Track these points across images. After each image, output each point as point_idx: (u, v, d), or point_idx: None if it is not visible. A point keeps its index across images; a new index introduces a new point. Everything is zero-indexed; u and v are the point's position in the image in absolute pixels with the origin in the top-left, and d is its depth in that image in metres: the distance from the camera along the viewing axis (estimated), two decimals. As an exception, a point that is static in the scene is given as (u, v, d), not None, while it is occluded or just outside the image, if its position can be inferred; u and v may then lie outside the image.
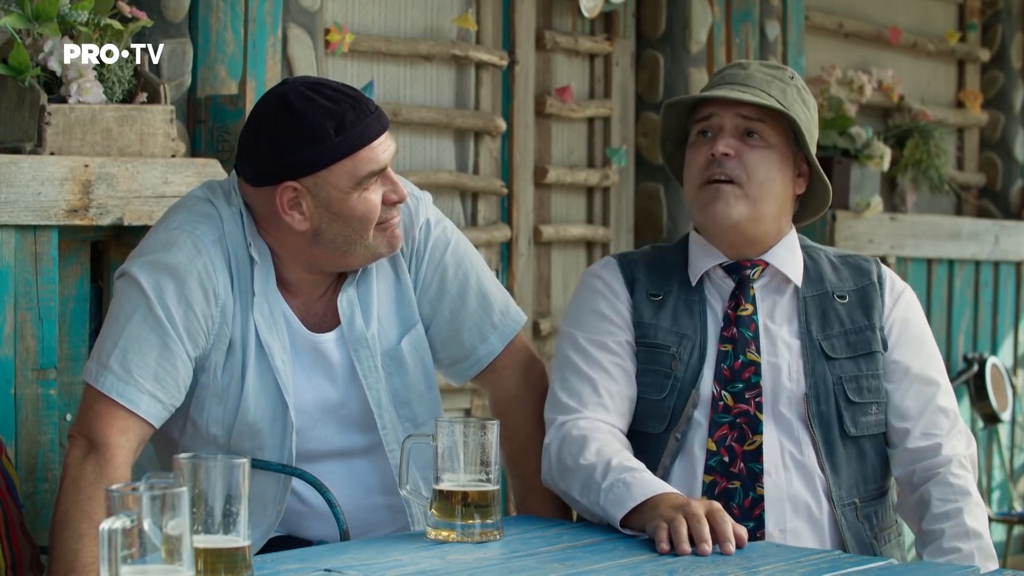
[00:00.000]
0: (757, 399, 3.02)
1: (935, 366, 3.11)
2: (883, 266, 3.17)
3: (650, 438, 3.04)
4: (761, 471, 2.99)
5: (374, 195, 2.91)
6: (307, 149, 2.86)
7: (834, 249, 3.21)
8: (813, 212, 3.17)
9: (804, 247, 3.15)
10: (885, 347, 3.08)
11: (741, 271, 3.09)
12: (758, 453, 3.00)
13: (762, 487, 2.99)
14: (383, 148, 2.91)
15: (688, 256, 3.13)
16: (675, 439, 3.03)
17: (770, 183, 3.03)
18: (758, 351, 3.04)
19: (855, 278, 3.13)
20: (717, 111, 3.05)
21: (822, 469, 3.01)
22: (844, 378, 3.04)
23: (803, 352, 3.05)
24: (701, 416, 3.03)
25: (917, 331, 3.12)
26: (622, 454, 2.89)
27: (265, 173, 2.90)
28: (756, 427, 3.01)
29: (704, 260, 3.10)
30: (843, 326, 3.07)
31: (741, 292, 3.07)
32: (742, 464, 3.00)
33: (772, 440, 3.01)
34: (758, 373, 3.03)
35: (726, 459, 3.00)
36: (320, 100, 2.87)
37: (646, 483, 2.78)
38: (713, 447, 3.01)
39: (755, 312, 3.06)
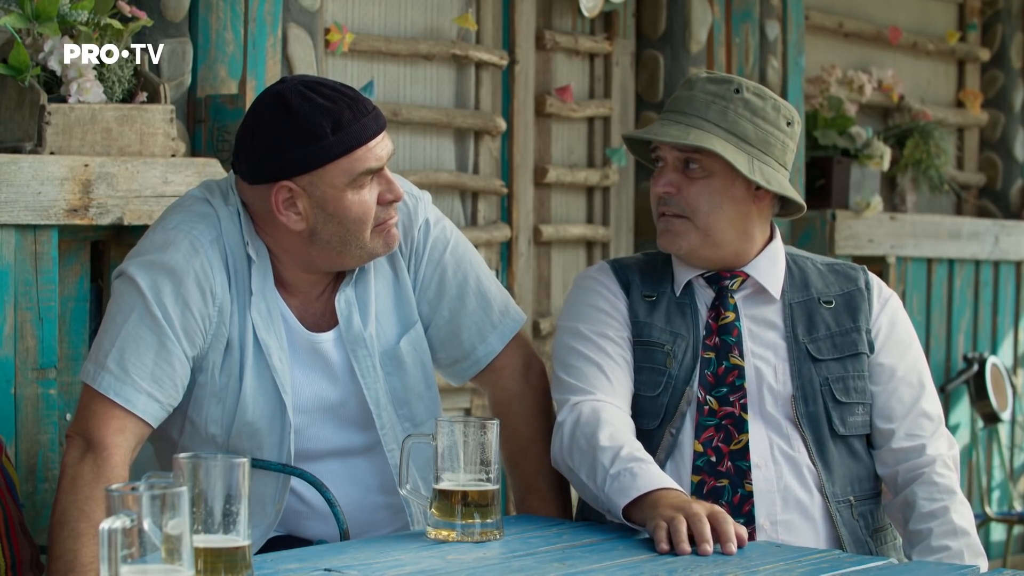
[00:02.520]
0: (742, 400, 3.04)
1: (920, 370, 3.14)
2: (870, 273, 3.20)
3: (644, 434, 3.04)
4: (748, 468, 3.01)
5: (369, 195, 2.91)
6: (303, 148, 2.85)
7: (822, 257, 3.23)
8: (794, 210, 3.13)
9: (791, 256, 3.17)
10: (871, 349, 3.11)
11: (720, 281, 3.11)
12: (744, 451, 3.02)
13: (750, 483, 3.00)
14: (380, 148, 2.90)
15: (672, 265, 3.15)
16: (670, 435, 3.04)
17: (717, 211, 3.05)
18: (741, 355, 3.06)
19: (841, 284, 3.15)
20: (660, 144, 3.07)
21: (814, 464, 3.03)
22: (831, 379, 3.06)
23: (789, 354, 3.07)
24: (691, 414, 3.05)
25: (903, 335, 3.15)
26: (633, 444, 2.90)
27: (261, 171, 2.90)
28: (742, 427, 3.03)
29: (685, 272, 3.12)
30: (829, 329, 3.10)
31: (720, 302, 3.09)
32: (729, 463, 3.02)
33: (760, 436, 3.03)
34: (742, 376, 3.05)
35: (713, 459, 3.03)
36: (317, 99, 2.86)
37: (652, 475, 2.79)
38: (700, 448, 3.03)
39: (737, 318, 3.08)
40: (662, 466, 3.01)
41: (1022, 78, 6.97)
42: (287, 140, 2.86)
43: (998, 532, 6.54)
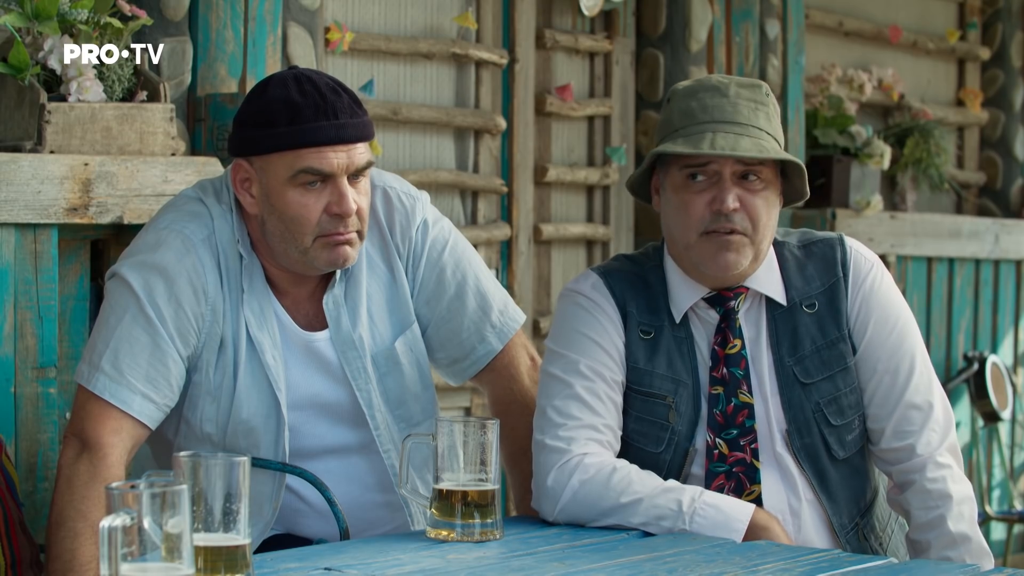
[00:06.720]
0: (752, 445, 2.90)
1: (905, 352, 2.94)
2: (848, 246, 3.00)
3: None
4: None
5: (315, 200, 2.89)
6: (257, 129, 2.90)
7: (798, 234, 3.03)
8: (794, 197, 3.00)
9: (773, 246, 2.98)
10: (854, 350, 2.95)
11: (725, 303, 2.94)
12: (758, 503, 2.87)
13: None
14: (336, 157, 2.88)
15: (667, 285, 2.98)
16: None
17: (770, 222, 2.90)
18: (750, 391, 2.91)
19: (822, 276, 2.97)
20: (714, 158, 2.85)
21: (818, 499, 2.92)
22: (823, 402, 2.91)
23: (778, 382, 2.92)
24: (697, 468, 2.93)
25: (882, 318, 2.95)
26: (656, 478, 2.84)
27: (230, 142, 2.97)
28: (753, 476, 2.90)
29: (686, 294, 2.95)
30: (815, 343, 2.93)
31: (728, 327, 2.94)
32: None
33: (773, 486, 2.91)
34: (751, 416, 2.91)
35: None
36: (292, 89, 2.89)
37: (729, 502, 2.79)
38: None
39: (743, 347, 2.93)
40: None
41: (1022, 77, 6.98)
42: (249, 118, 2.92)
43: (998, 531, 6.54)
